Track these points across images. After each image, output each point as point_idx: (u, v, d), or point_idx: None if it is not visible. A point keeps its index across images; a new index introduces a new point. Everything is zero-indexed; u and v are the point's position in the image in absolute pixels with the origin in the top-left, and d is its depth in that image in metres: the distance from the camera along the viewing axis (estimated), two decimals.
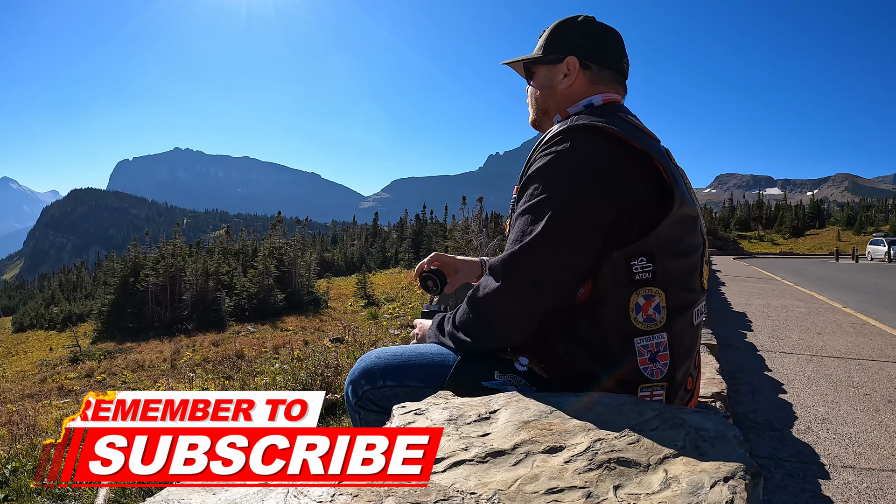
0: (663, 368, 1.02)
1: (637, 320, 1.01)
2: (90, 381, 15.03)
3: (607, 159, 1.01)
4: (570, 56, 1.19)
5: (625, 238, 1.00)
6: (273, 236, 30.60)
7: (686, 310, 1.05)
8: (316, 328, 19.24)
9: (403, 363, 1.20)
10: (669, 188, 1.02)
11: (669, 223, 1.01)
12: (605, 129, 1.02)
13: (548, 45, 1.23)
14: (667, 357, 1.02)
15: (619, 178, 1.00)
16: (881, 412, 3.00)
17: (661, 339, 1.02)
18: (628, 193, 1.00)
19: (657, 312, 1.01)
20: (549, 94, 1.22)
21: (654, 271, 1.00)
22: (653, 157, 1.02)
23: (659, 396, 1.03)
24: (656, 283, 1.01)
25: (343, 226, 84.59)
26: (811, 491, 2.06)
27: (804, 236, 67.80)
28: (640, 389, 1.03)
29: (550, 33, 1.24)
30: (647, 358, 1.02)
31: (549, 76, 1.22)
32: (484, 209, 21.50)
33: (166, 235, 35.52)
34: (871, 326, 6.15)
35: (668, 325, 1.02)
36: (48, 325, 38.16)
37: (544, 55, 1.23)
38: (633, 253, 1.00)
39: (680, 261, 1.04)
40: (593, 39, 1.21)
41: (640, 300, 1.01)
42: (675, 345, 1.03)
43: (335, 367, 4.74)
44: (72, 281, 66.86)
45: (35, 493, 3.96)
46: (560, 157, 1.03)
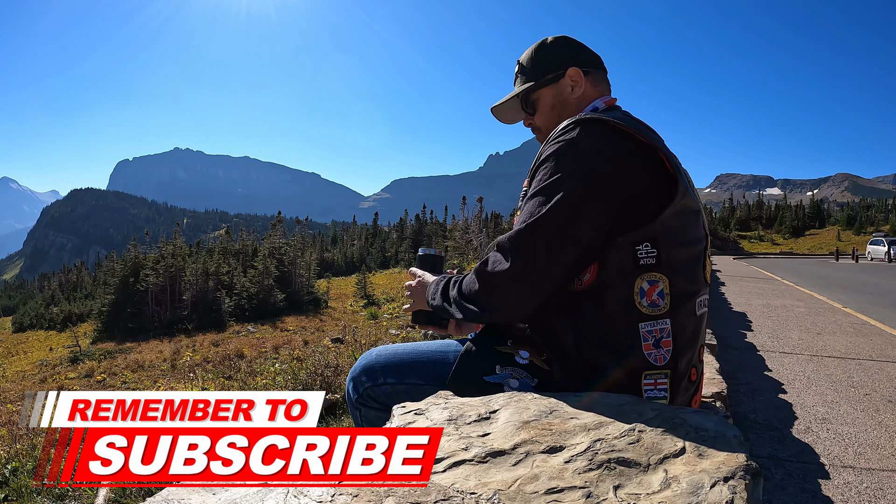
0: (666, 355, 1.03)
1: (642, 304, 1.02)
2: (90, 381, 15.03)
3: (616, 146, 1.04)
4: (571, 68, 1.24)
5: (630, 224, 1.02)
6: (273, 236, 30.61)
7: (689, 298, 1.07)
8: (316, 328, 19.24)
9: (404, 361, 1.22)
10: (674, 178, 1.05)
11: (673, 212, 1.03)
12: (611, 122, 1.05)
13: (538, 70, 1.26)
14: (670, 344, 1.03)
15: (626, 164, 1.03)
16: (881, 412, 3.01)
17: (665, 325, 1.03)
18: (635, 180, 1.03)
19: (661, 298, 1.03)
20: (564, 108, 1.25)
21: (659, 257, 1.02)
22: (657, 149, 1.05)
23: (663, 385, 1.04)
24: (660, 269, 1.03)
25: (343, 226, 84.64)
26: (811, 491, 2.06)
27: (804, 236, 67.81)
28: (644, 377, 1.03)
29: (535, 60, 1.27)
30: (652, 343, 1.03)
31: (557, 94, 1.25)
32: (484, 209, 21.50)
33: (166, 235, 35.53)
34: (871, 326, 6.15)
35: (671, 311, 1.03)
36: (48, 325, 38.17)
37: (543, 79, 1.25)
38: (639, 238, 1.02)
39: (683, 250, 1.06)
40: (576, 48, 1.27)
41: (644, 285, 1.02)
42: (678, 332, 1.04)
43: (335, 367, 4.74)
44: (72, 281, 66.87)
45: (35, 493, 3.96)
46: (570, 143, 1.05)
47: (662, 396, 1.04)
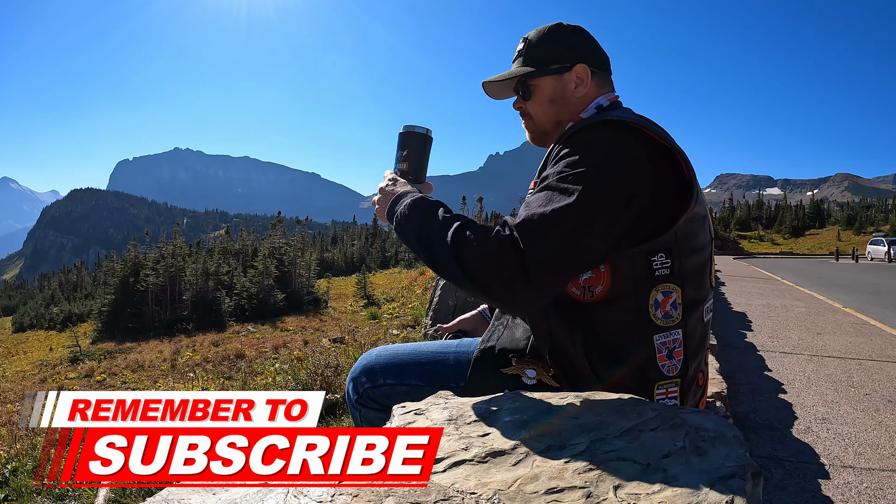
0: (678, 365, 1.03)
1: (656, 316, 1.00)
2: (90, 381, 15.03)
3: (638, 150, 0.99)
4: (580, 64, 1.16)
5: (645, 234, 1.00)
6: (273, 236, 30.60)
7: (698, 306, 1.06)
8: (316, 328, 19.23)
9: (403, 362, 1.21)
10: (689, 184, 1.02)
11: (686, 220, 1.01)
12: (631, 124, 1.01)
13: (545, 57, 1.17)
14: (681, 353, 1.03)
15: (648, 169, 0.99)
16: (881, 412, 3.00)
17: (677, 335, 1.02)
18: (655, 185, 0.99)
19: (674, 309, 1.01)
20: (564, 104, 1.17)
21: (672, 267, 1.00)
22: (675, 153, 1.01)
23: (674, 393, 1.03)
24: (673, 280, 1.01)
25: (343, 226, 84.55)
26: (811, 491, 2.06)
27: (804, 236, 67.77)
28: (657, 387, 1.02)
29: (545, 44, 1.18)
30: (665, 355, 1.02)
31: (558, 87, 1.17)
32: (484, 209, 21.46)
33: (166, 235, 35.51)
34: (871, 326, 6.15)
35: (683, 321, 1.02)
36: (48, 325, 38.14)
37: (547, 67, 1.16)
38: (654, 249, 0.99)
39: (694, 257, 1.04)
40: (591, 45, 1.19)
41: (658, 296, 1.00)
42: (688, 341, 1.03)
43: (335, 367, 4.74)
44: (72, 281, 66.84)
45: (35, 493, 3.96)
46: (588, 148, 0.98)
47: (673, 405, 1.03)
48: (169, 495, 0.67)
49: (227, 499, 0.65)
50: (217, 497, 0.66)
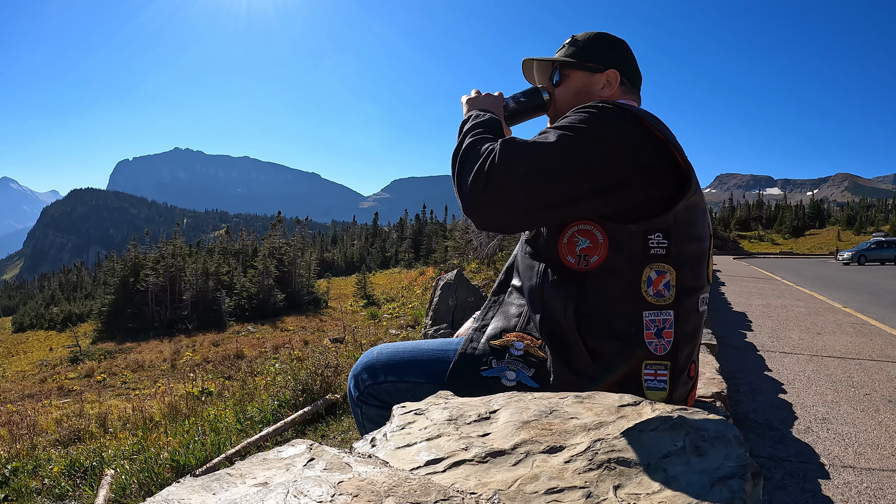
0: (667, 346, 1.04)
1: (647, 293, 1.03)
2: (90, 381, 15.04)
3: (631, 126, 1.05)
4: (613, 70, 1.24)
5: (644, 213, 1.03)
6: (273, 236, 30.64)
7: (693, 293, 1.07)
8: (316, 328, 19.25)
9: (404, 359, 1.23)
10: (686, 173, 1.06)
11: (685, 206, 1.04)
12: (627, 108, 1.07)
13: (585, 54, 1.27)
14: (671, 335, 1.04)
15: (637, 145, 1.03)
16: (881, 412, 3.01)
17: (668, 316, 1.04)
18: (647, 163, 1.03)
19: (667, 289, 1.03)
20: (587, 98, 1.25)
21: (669, 248, 1.03)
22: (670, 144, 1.05)
23: (663, 376, 1.04)
24: (669, 261, 1.03)
25: (343, 226, 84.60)
26: (811, 491, 2.06)
27: (804, 236, 67.82)
28: (644, 366, 1.04)
29: (589, 44, 1.28)
30: (654, 333, 1.03)
31: (587, 83, 1.26)
32: None
33: (166, 235, 35.53)
34: (871, 326, 6.15)
35: (675, 303, 1.04)
36: (48, 325, 38.18)
37: (585, 62, 1.26)
38: (652, 228, 1.03)
39: (692, 245, 1.07)
40: (631, 61, 1.29)
41: (652, 274, 1.03)
42: (680, 325, 1.05)
43: (335, 367, 4.74)
44: (72, 281, 66.88)
45: (35, 493, 3.96)
46: (587, 112, 1.05)
47: (662, 388, 1.04)
48: (169, 495, 0.67)
49: (227, 499, 0.65)
50: (217, 497, 0.66)
